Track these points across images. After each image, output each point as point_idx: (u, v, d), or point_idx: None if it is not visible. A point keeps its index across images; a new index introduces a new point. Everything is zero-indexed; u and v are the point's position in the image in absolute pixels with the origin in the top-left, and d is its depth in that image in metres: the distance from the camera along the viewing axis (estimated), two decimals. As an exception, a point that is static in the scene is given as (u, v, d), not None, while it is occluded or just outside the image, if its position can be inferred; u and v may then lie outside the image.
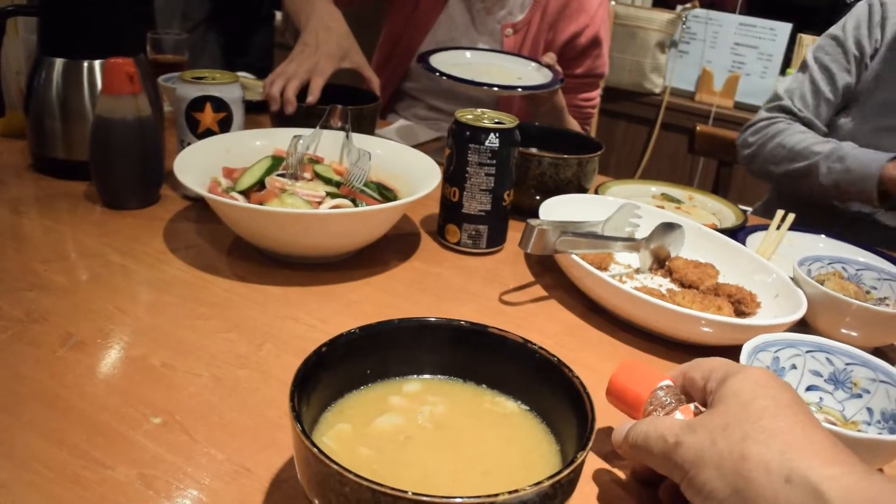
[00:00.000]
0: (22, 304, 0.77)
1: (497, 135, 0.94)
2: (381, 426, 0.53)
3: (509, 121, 0.97)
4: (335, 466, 0.41)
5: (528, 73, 1.46)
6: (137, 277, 0.85)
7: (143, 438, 0.60)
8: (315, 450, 0.42)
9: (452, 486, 0.48)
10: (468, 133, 0.94)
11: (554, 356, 0.55)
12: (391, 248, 0.98)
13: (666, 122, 2.91)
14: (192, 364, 0.70)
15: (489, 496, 0.41)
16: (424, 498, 0.40)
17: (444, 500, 0.40)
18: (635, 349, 0.82)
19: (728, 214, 1.26)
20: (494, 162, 0.95)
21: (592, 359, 0.79)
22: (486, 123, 0.95)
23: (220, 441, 0.61)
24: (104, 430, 0.60)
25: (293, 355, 0.73)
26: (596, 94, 1.78)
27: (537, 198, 1.12)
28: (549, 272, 0.98)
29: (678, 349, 0.82)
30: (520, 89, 1.36)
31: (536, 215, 0.97)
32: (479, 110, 0.99)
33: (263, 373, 0.70)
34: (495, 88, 1.32)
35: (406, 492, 0.40)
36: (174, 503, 0.54)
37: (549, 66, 1.44)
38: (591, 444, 0.47)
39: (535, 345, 0.57)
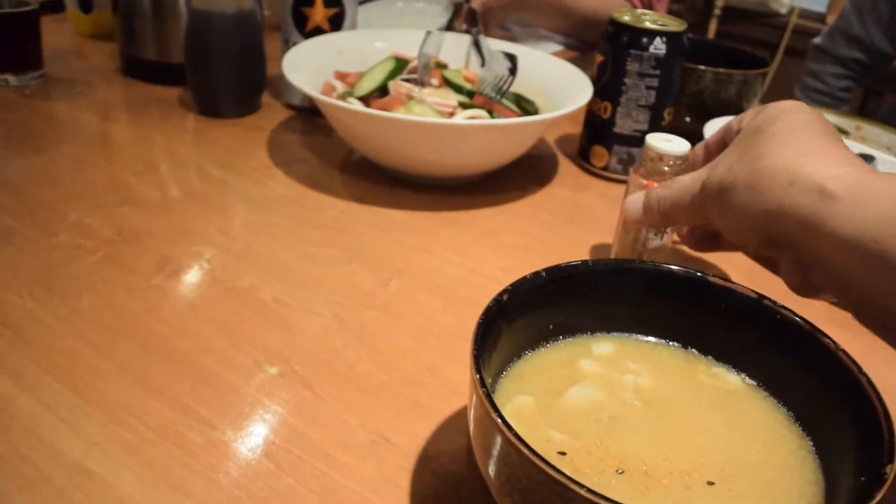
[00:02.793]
0: (113, 221, 0.66)
1: (664, 39, 0.78)
2: (573, 401, 0.40)
3: (676, 24, 0.80)
4: (562, 479, 0.28)
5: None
6: (239, 194, 0.73)
7: (256, 392, 0.49)
8: (535, 458, 0.29)
9: (686, 494, 0.35)
10: (627, 37, 0.78)
11: (804, 320, 0.41)
12: (525, 171, 0.84)
13: (791, 47, 2.64)
14: (310, 300, 0.58)
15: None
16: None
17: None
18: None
19: (907, 148, 1.07)
20: (658, 72, 0.78)
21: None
22: (650, 25, 0.78)
23: (349, 400, 0.49)
24: (210, 380, 0.49)
25: (429, 294, 0.60)
26: None
27: (687, 119, 0.96)
28: (710, 206, 0.82)
29: None
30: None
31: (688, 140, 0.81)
32: (637, 11, 0.83)
33: (395, 315, 0.58)
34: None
35: (667, 522, 0.27)
36: (299, 482, 0.42)
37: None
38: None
39: (773, 302, 0.42)
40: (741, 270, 0.68)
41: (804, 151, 0.41)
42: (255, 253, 0.64)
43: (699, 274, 0.44)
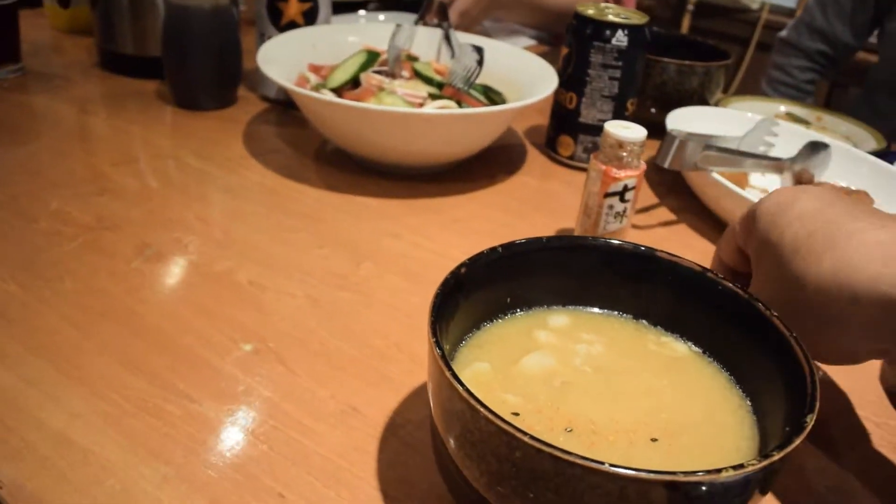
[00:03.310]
0: (92, 209, 0.68)
1: (626, 32, 0.81)
2: (528, 368, 0.43)
3: (638, 17, 0.83)
4: (508, 428, 0.31)
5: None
6: (217, 183, 0.76)
7: (232, 368, 0.51)
8: (484, 410, 0.32)
9: (629, 449, 0.38)
10: (591, 30, 0.81)
11: (744, 291, 0.44)
12: (495, 160, 0.87)
13: (762, 42, 2.68)
14: (284, 283, 0.61)
15: (712, 471, 0.31)
16: (627, 472, 0.30)
17: (658, 477, 0.30)
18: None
19: (865, 138, 1.10)
20: (621, 63, 0.82)
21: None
22: (613, 18, 0.81)
23: (321, 374, 0.51)
24: (188, 357, 0.52)
25: (398, 276, 0.63)
26: None
27: (653, 111, 0.99)
28: (672, 193, 0.86)
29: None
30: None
31: (653, 130, 0.84)
32: (601, 4, 0.86)
33: (366, 295, 0.60)
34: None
35: (603, 463, 0.30)
36: (273, 448, 0.45)
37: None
38: (818, 404, 0.36)
39: (715, 275, 0.45)
40: (696, 251, 0.71)
41: (841, 258, 0.39)
42: (231, 239, 0.66)
43: (646, 249, 0.46)
